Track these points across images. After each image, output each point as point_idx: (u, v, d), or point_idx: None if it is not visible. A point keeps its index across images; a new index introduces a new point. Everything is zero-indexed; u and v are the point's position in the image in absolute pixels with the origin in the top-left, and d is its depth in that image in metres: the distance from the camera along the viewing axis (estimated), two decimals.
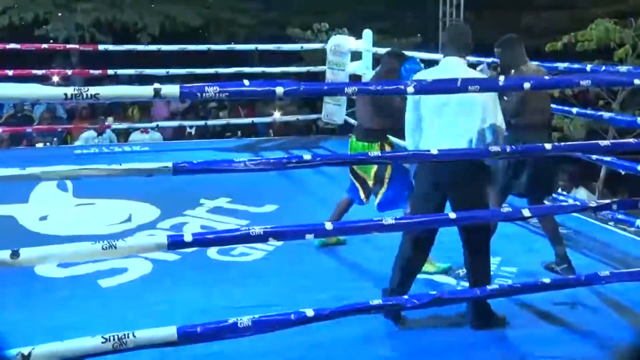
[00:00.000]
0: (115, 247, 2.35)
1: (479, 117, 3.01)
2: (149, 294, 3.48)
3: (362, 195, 4.03)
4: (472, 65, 4.54)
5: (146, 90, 2.38)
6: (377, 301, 2.67)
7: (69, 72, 8.60)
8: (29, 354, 2.19)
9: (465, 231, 3.13)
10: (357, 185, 4.03)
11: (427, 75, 3.13)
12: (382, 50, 7.50)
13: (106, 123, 8.19)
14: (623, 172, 4.12)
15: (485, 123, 3.01)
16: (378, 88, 2.92)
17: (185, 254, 3.76)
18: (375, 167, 3.89)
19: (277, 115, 9.30)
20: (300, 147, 7.29)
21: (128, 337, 2.28)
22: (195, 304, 3.30)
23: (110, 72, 7.76)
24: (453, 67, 3.05)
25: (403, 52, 4.21)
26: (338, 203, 4.18)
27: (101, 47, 7.83)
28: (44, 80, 8.04)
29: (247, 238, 2.59)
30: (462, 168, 3.00)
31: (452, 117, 3.02)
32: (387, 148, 3.91)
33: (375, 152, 3.59)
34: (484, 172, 3.19)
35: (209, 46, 8.33)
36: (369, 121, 3.94)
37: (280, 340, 2.87)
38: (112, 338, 2.27)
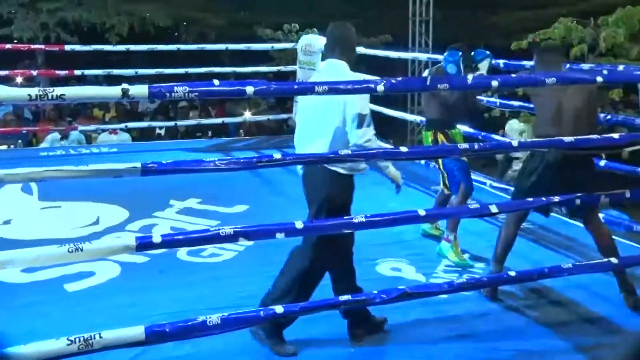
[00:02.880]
0: (82, 250, 2.31)
1: (340, 115, 2.87)
2: (117, 297, 3.43)
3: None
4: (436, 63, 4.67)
5: (114, 91, 2.34)
6: (346, 297, 2.68)
7: (34, 72, 8.43)
8: None
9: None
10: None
11: (315, 77, 3.09)
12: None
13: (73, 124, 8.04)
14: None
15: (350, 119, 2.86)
16: (348, 87, 2.92)
17: (154, 256, 3.72)
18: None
19: (247, 115, 9.26)
20: (270, 146, 7.27)
21: (94, 338, 2.25)
22: (165, 306, 3.27)
23: (77, 72, 7.63)
24: (336, 70, 2.95)
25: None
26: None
27: (68, 47, 7.70)
28: (8, 81, 7.86)
29: (217, 238, 2.58)
30: None
31: (316, 117, 2.94)
32: (440, 136, 4.09)
33: (430, 138, 4.11)
34: None
35: (178, 46, 8.24)
36: (427, 112, 4.32)
37: (252, 340, 2.86)
38: (77, 340, 2.23)
